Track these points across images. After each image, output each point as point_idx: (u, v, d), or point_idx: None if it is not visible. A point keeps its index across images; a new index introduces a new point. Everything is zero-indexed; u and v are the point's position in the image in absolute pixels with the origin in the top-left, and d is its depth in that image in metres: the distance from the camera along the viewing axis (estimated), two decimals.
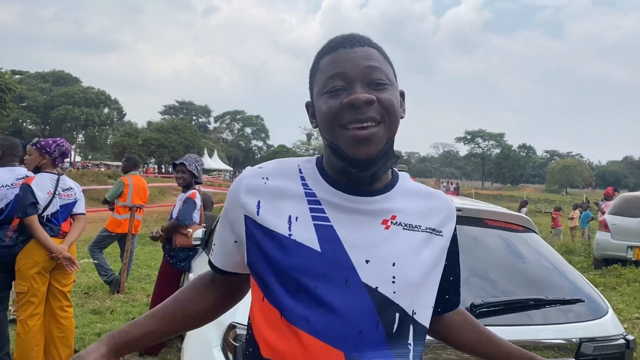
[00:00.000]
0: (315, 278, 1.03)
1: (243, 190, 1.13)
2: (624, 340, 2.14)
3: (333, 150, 1.07)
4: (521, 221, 2.59)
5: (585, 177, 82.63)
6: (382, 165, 1.08)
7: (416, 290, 1.07)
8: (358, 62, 1.05)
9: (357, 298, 1.02)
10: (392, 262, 1.05)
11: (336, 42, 1.10)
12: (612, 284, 8.88)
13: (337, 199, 1.09)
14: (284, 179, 1.13)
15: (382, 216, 1.09)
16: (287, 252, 1.05)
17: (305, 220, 1.07)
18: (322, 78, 1.08)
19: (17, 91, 44.29)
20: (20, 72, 76.29)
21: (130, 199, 7.13)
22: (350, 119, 1.02)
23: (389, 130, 1.06)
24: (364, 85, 1.04)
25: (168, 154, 57.64)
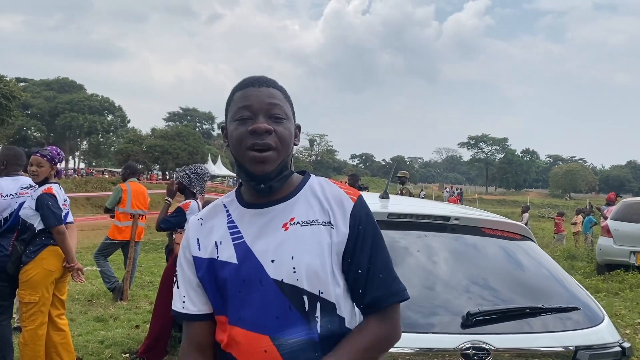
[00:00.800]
0: (238, 285, 1.32)
1: (188, 237, 1.43)
2: (620, 347, 2.16)
3: (239, 166, 1.36)
4: (519, 230, 2.61)
5: (589, 182, 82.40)
6: (277, 180, 1.34)
7: (316, 274, 1.29)
8: (262, 99, 1.34)
9: (270, 291, 1.29)
10: (290, 256, 1.30)
11: (248, 81, 1.38)
12: (615, 289, 8.86)
13: (248, 217, 1.37)
14: (213, 216, 1.43)
15: (282, 220, 1.34)
16: (217, 271, 1.35)
17: (227, 242, 1.36)
18: (234, 108, 1.36)
19: (22, 99, 44.50)
20: (25, 79, 76.58)
21: (129, 204, 7.18)
22: (252, 143, 1.30)
23: (282, 155, 1.33)
24: (266, 117, 1.32)
25: (172, 161, 57.73)
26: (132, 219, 7.13)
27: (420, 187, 56.37)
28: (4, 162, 4.24)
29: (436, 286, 2.24)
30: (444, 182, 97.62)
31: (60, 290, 4.12)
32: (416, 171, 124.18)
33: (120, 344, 5.08)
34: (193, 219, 1.47)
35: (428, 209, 2.61)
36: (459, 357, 1.93)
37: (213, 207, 1.46)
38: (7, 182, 4.12)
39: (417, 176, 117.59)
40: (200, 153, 60.45)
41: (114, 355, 4.79)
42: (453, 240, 2.45)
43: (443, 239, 2.45)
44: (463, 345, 1.94)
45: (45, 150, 4.02)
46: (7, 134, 46.60)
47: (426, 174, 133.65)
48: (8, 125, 42.94)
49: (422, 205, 2.99)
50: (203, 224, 1.43)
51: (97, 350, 4.90)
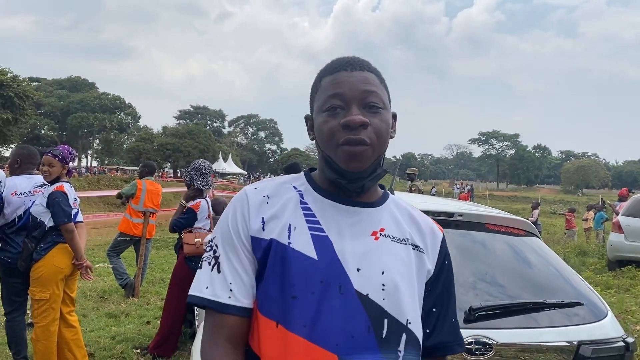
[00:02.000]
0: (312, 285, 1.09)
1: (248, 211, 1.17)
2: (623, 342, 2.17)
3: (327, 162, 1.16)
4: (523, 225, 2.62)
5: (601, 178, 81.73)
6: (370, 179, 1.16)
7: (404, 299, 1.13)
8: (356, 85, 1.14)
9: (350, 304, 1.09)
10: (381, 271, 1.12)
11: (338, 64, 1.18)
12: (626, 285, 8.81)
13: (331, 210, 1.17)
14: (281, 195, 1.19)
15: (372, 228, 1.17)
16: (287, 260, 1.10)
17: (303, 230, 1.13)
18: (322, 96, 1.17)
19: (35, 98, 44.93)
20: (37, 79, 77.40)
21: (142, 202, 7.27)
22: (345, 138, 1.11)
23: (377, 150, 1.14)
24: (360, 107, 1.13)
25: (183, 159, 58.09)
26: (144, 217, 7.21)
27: (431, 184, 56.22)
28: (18, 160, 4.31)
29: None
30: (454, 178, 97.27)
31: (70, 287, 4.19)
32: (427, 168, 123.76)
33: (131, 340, 5.15)
34: (252, 192, 1.20)
35: (432, 205, 2.64)
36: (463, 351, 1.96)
37: (278, 185, 1.22)
38: (22, 180, 4.20)
39: (427, 173, 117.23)
40: (211, 151, 60.73)
41: (125, 351, 4.85)
42: (457, 236, 2.47)
43: (447, 234, 2.45)
44: (466, 340, 1.95)
45: (56, 150, 4.08)
46: (21, 132, 47.03)
47: (437, 170, 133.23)
48: (22, 124, 43.35)
49: (426, 201, 3.01)
50: (270, 202, 1.18)
51: (108, 345, 4.97)
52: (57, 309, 4.02)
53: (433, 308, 1.21)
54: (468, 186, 47.25)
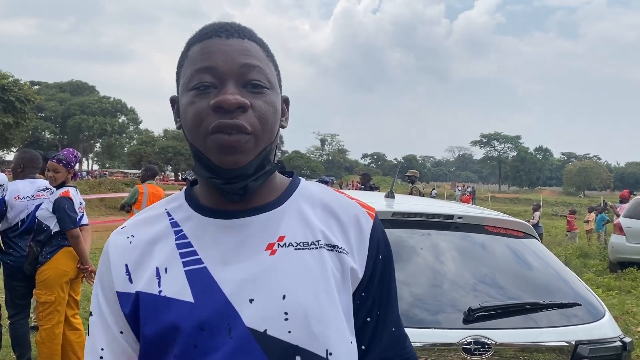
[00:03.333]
0: (191, 336, 0.86)
1: (109, 262, 0.94)
2: (620, 342, 2.20)
3: (197, 157, 0.91)
4: (521, 227, 2.65)
5: (603, 179, 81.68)
6: (255, 178, 0.90)
7: (319, 324, 0.87)
8: (233, 56, 0.88)
9: (244, 348, 0.84)
10: (282, 295, 0.87)
11: (211, 29, 0.91)
12: (627, 287, 8.83)
13: (212, 231, 0.92)
14: (149, 228, 0.96)
15: (266, 240, 0.91)
16: (157, 314, 0.88)
17: (176, 269, 0.90)
18: (189, 70, 0.90)
19: (36, 102, 45.04)
20: (38, 82, 77.62)
21: (144, 207, 7.30)
22: (217, 124, 0.85)
23: (262, 140, 0.89)
24: (238, 86, 0.88)
25: (184, 162, 58.17)
26: None
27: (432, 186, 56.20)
28: (21, 165, 4.35)
29: (439, 283, 2.29)
30: (456, 180, 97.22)
31: (74, 290, 4.23)
32: (428, 170, 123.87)
33: None
34: (115, 236, 0.98)
35: (432, 207, 2.66)
36: (461, 351, 1.98)
37: (149, 215, 0.99)
38: (24, 185, 4.24)
39: (429, 175, 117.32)
40: None
41: None
42: (456, 238, 2.50)
43: (446, 236, 2.49)
44: (465, 340, 1.99)
45: (60, 155, 4.11)
46: (22, 136, 47.15)
47: (438, 172, 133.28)
48: (23, 128, 43.46)
49: (426, 204, 3.04)
50: (134, 241, 0.94)
51: None
52: (62, 311, 4.06)
53: (367, 318, 0.96)
54: (470, 188, 47.23)
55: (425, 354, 2.01)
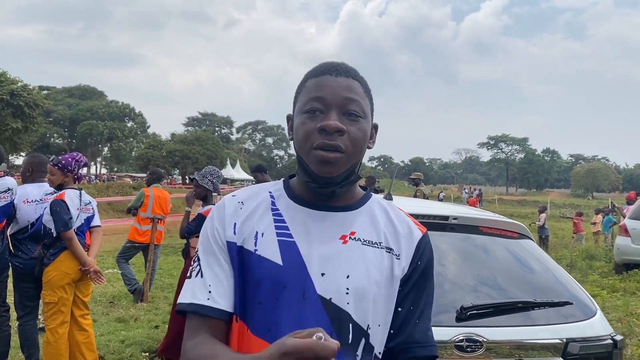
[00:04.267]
0: (276, 290, 1.11)
1: (223, 217, 1.20)
2: (611, 340, 2.25)
3: (301, 164, 1.18)
4: (516, 228, 2.71)
5: (612, 181, 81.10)
6: (341, 185, 1.16)
7: (370, 304, 1.12)
8: (338, 91, 1.14)
9: (312, 309, 1.09)
10: (346, 275, 1.12)
11: (324, 68, 1.18)
12: (632, 289, 8.82)
13: (301, 215, 1.18)
14: (255, 201, 1.22)
15: (341, 231, 1.17)
16: (252, 267, 1.14)
17: (270, 236, 1.15)
18: (304, 97, 1.17)
19: (45, 107, 45.43)
20: (47, 87, 78.18)
21: (150, 209, 7.40)
22: (320, 143, 1.11)
23: (352, 158, 1.14)
24: (340, 114, 1.13)
25: (192, 165, 58.39)
26: (152, 223, 7.34)
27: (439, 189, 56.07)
28: (30, 169, 4.45)
29: (435, 282, 2.35)
30: (463, 183, 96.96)
31: (81, 291, 4.29)
32: (435, 172, 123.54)
33: (140, 344, 5.26)
34: (228, 199, 1.25)
35: (428, 209, 2.72)
36: (453, 348, 2.04)
37: (255, 191, 1.26)
38: (33, 188, 4.33)
39: (436, 178, 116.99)
40: (219, 157, 61.02)
41: (134, 354, 4.96)
42: (451, 239, 2.56)
43: (442, 237, 2.55)
44: (457, 338, 2.05)
45: (57, 159, 4.22)
46: (31, 141, 47.57)
47: (445, 175, 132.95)
48: (31, 132, 43.85)
49: (422, 205, 3.10)
50: (243, 207, 1.21)
51: (118, 349, 5.08)
52: (65, 312, 4.13)
53: (399, 308, 1.18)
54: (477, 190, 47.13)
55: None
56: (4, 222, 4.10)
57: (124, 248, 7.61)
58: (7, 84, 39.99)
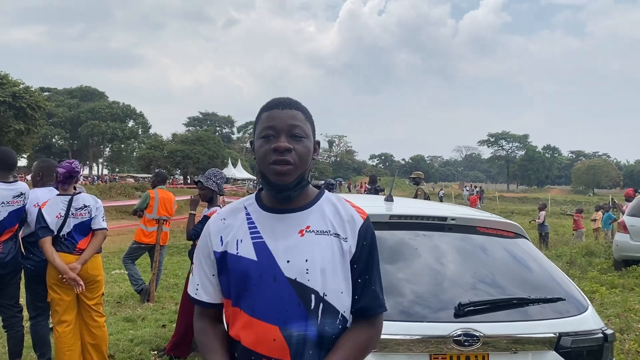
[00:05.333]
0: (254, 279, 1.51)
1: (210, 234, 1.62)
2: (602, 334, 2.36)
3: (263, 177, 1.56)
4: (512, 228, 2.82)
5: (612, 177, 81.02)
6: (294, 190, 1.54)
7: (324, 277, 1.50)
8: (285, 120, 1.52)
9: (283, 288, 1.49)
10: (305, 259, 1.50)
11: (274, 104, 1.57)
12: (631, 284, 8.91)
13: (268, 219, 1.57)
14: (234, 216, 1.62)
15: (299, 227, 1.54)
16: (236, 265, 1.54)
17: (247, 241, 1.55)
18: (260, 126, 1.55)
19: (47, 108, 45.50)
20: (48, 89, 78.22)
21: (155, 211, 7.53)
22: (274, 159, 1.50)
23: (299, 168, 1.53)
24: (287, 136, 1.51)
25: (193, 165, 58.48)
26: (157, 224, 7.47)
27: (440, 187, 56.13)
28: (40, 173, 4.57)
29: (434, 280, 2.47)
30: (464, 180, 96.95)
31: (85, 295, 4.31)
32: (436, 170, 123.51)
33: (148, 342, 5.39)
34: (215, 218, 1.65)
35: (427, 210, 2.84)
36: (452, 343, 2.16)
37: (234, 208, 1.65)
38: (43, 193, 4.44)
39: (437, 175, 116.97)
40: (220, 157, 61.09)
41: (143, 353, 5.09)
42: (450, 239, 2.67)
43: (441, 237, 2.67)
44: (455, 333, 2.17)
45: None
46: (33, 142, 47.69)
47: (446, 172, 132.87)
48: (34, 134, 43.95)
49: (422, 206, 3.22)
50: (225, 223, 1.61)
51: (127, 348, 5.21)
52: (60, 311, 4.21)
53: (358, 279, 1.57)
54: (477, 188, 47.21)
55: (422, 345, 2.19)
56: (16, 226, 4.22)
57: (130, 249, 7.74)
58: (10, 86, 40.04)
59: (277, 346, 1.47)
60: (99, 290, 4.49)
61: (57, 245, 4.16)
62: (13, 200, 4.13)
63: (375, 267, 1.60)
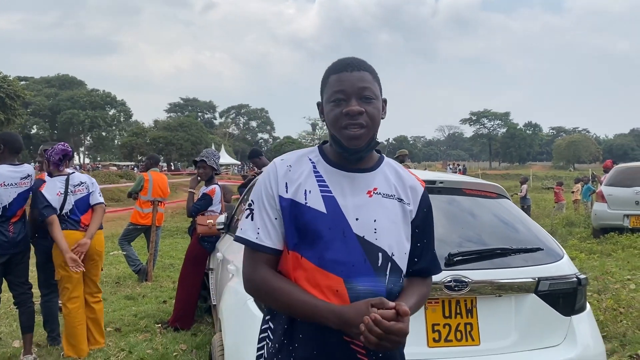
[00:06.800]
0: (323, 231, 1.52)
1: (276, 178, 1.59)
2: (576, 278, 2.65)
3: (334, 140, 1.58)
4: (494, 189, 3.09)
5: (592, 152, 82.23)
6: (366, 151, 1.58)
7: (391, 237, 1.56)
8: (355, 83, 1.53)
9: (350, 243, 1.52)
10: (373, 219, 1.55)
11: (342, 66, 1.58)
12: (608, 250, 9.36)
13: (336, 176, 1.58)
14: (300, 166, 1.61)
15: (367, 187, 1.58)
16: (304, 214, 1.54)
17: (316, 192, 1.55)
18: (330, 90, 1.56)
19: (25, 98, 44.89)
20: (25, 78, 76.93)
21: (150, 192, 7.72)
22: (347, 123, 1.52)
23: (372, 130, 1.55)
24: (358, 99, 1.53)
25: (176, 151, 58.34)
26: (152, 205, 7.66)
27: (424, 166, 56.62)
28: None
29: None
30: (447, 159, 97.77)
31: (90, 271, 4.57)
32: (419, 150, 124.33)
33: (152, 316, 5.62)
34: (280, 163, 1.61)
35: (417, 175, 3.09)
36: (443, 288, 2.43)
37: (298, 157, 1.63)
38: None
39: (420, 155, 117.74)
40: (203, 142, 60.90)
41: (148, 325, 5.32)
42: (439, 201, 2.91)
43: (431, 199, 2.91)
44: (446, 279, 2.43)
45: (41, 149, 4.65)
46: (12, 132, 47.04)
47: (429, 152, 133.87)
48: (13, 124, 43.40)
49: (412, 173, 3.47)
50: (292, 170, 1.59)
51: (132, 321, 5.44)
52: (71, 288, 4.45)
53: (418, 243, 1.65)
54: (460, 166, 47.78)
55: None
56: (24, 207, 4.40)
57: (126, 231, 7.93)
58: None
59: (339, 297, 1.49)
60: (100, 265, 4.77)
61: (63, 223, 4.37)
62: (21, 182, 4.30)
63: (432, 232, 1.70)
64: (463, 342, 2.48)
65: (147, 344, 4.73)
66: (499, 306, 2.55)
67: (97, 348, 4.60)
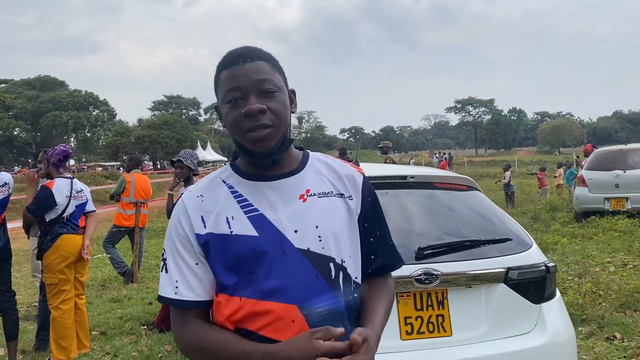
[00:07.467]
0: (260, 257, 1.27)
1: (186, 214, 1.33)
2: (545, 267, 2.72)
3: (240, 147, 1.35)
4: (465, 182, 3.14)
5: (576, 136, 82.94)
6: (279, 152, 1.33)
7: (338, 242, 1.33)
8: (250, 76, 1.28)
9: (295, 261, 1.27)
10: (315, 225, 1.31)
11: (232, 58, 1.32)
12: (590, 234, 9.49)
13: (259, 189, 1.33)
14: (214, 191, 1.36)
15: (298, 192, 1.34)
16: (233, 246, 1.28)
17: (240, 216, 1.30)
18: (223, 90, 1.31)
19: (6, 101, 44.35)
20: (4, 80, 75.89)
21: (132, 194, 7.70)
22: (249, 125, 1.27)
23: (280, 128, 1.30)
24: (257, 95, 1.27)
25: (162, 150, 57.89)
26: (135, 207, 7.65)
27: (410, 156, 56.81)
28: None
29: (397, 230, 2.76)
30: (434, 148, 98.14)
31: (79, 272, 4.69)
32: (406, 140, 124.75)
33: (137, 318, 5.65)
34: (188, 197, 1.37)
35: (389, 170, 3.14)
36: (414, 281, 2.48)
37: (209, 183, 1.39)
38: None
39: (407, 145, 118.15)
40: (189, 140, 60.55)
41: (133, 327, 5.35)
42: (410, 195, 2.98)
43: (402, 193, 2.97)
44: (416, 273, 2.48)
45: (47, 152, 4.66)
46: None
47: (416, 141, 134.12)
48: None
49: (384, 168, 3.52)
50: (205, 200, 1.34)
51: (117, 324, 5.46)
52: (67, 289, 4.51)
53: (371, 238, 1.43)
54: (446, 154, 48.00)
55: None
56: (3, 215, 4.40)
57: (110, 233, 7.91)
58: None
59: (297, 327, 1.24)
60: (87, 266, 4.88)
61: (64, 227, 4.45)
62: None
63: (384, 222, 1.49)
64: (435, 334, 2.53)
65: (132, 346, 4.77)
66: (469, 297, 2.60)
67: (83, 352, 4.62)
